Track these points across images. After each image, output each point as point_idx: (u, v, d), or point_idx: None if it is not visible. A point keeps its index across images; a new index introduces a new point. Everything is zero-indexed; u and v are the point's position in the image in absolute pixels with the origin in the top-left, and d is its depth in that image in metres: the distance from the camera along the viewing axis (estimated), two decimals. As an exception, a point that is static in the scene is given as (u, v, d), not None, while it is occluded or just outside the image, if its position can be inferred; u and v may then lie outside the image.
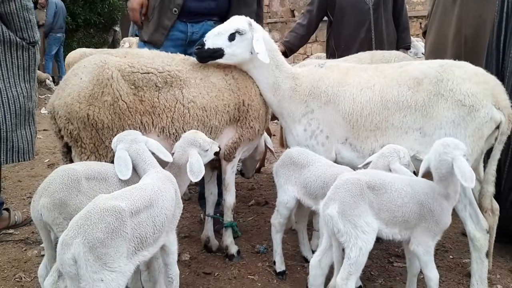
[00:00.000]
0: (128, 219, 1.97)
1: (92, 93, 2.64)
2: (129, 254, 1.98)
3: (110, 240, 1.88)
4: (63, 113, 2.63)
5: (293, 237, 3.59)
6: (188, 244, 3.57)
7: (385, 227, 2.30)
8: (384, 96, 2.82)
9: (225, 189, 3.20)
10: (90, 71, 2.68)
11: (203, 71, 2.98)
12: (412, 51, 6.01)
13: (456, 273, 3.13)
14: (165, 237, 2.25)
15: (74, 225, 1.89)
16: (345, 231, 2.18)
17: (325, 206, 2.26)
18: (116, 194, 2.11)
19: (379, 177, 2.32)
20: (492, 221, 2.84)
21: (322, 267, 2.42)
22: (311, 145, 2.99)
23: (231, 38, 2.80)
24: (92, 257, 1.84)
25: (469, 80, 2.66)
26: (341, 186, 2.26)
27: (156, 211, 2.13)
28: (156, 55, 2.98)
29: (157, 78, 2.78)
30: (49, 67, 12.44)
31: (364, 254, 2.17)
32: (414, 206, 2.31)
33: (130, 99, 2.70)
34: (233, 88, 2.99)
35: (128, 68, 2.74)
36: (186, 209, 4.27)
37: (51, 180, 2.33)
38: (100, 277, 1.85)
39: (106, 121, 2.65)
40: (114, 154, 2.68)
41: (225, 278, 3.06)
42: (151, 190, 2.17)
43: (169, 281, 2.37)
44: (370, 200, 2.24)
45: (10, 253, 3.40)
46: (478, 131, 2.62)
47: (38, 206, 2.30)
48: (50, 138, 6.81)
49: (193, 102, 2.85)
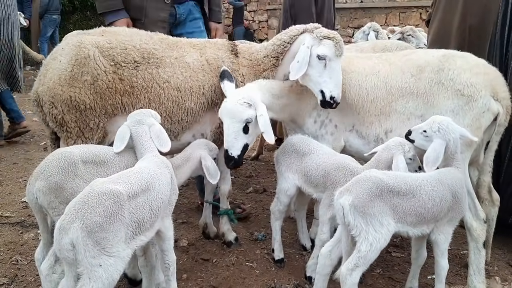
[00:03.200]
0: (126, 203, 1.94)
1: (72, 74, 2.61)
2: (127, 239, 1.96)
3: (108, 225, 1.85)
4: (47, 98, 2.61)
5: (291, 225, 3.58)
6: (186, 230, 3.55)
7: (412, 228, 2.28)
8: (388, 82, 2.86)
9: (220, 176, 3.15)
10: (68, 52, 2.65)
11: (179, 50, 2.92)
12: (414, 41, 5.98)
13: (454, 264, 3.13)
14: (160, 223, 2.23)
15: (71, 209, 1.86)
16: (355, 225, 2.14)
17: (340, 195, 2.22)
18: (113, 177, 2.08)
19: (406, 182, 2.25)
20: (492, 212, 2.87)
21: (331, 258, 2.40)
22: (320, 134, 2.99)
23: (245, 131, 2.64)
24: (91, 241, 1.81)
25: (469, 70, 2.68)
26: (362, 181, 2.21)
27: (153, 195, 2.11)
28: (134, 33, 2.93)
29: (135, 53, 2.75)
30: (45, 49, 12.22)
31: (374, 250, 2.14)
32: (445, 202, 2.29)
33: (110, 78, 2.67)
34: (206, 69, 2.92)
35: (106, 45, 2.71)
36: (184, 195, 4.25)
37: (47, 163, 2.29)
38: (98, 262, 1.83)
39: (88, 102, 2.63)
40: (99, 136, 2.69)
41: (223, 264, 3.05)
42: (148, 173, 2.15)
43: (166, 267, 2.35)
44: (393, 204, 2.19)
45: (6, 235, 3.37)
46: (476, 121, 2.64)
47: (33, 189, 2.26)
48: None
49: (168, 82, 2.81)
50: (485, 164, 2.81)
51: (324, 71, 2.79)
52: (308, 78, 2.85)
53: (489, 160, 2.81)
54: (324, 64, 2.78)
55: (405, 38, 6.02)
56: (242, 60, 3.03)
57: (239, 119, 2.61)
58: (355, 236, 2.16)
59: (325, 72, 2.78)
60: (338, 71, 2.80)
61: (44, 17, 12.29)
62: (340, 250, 2.35)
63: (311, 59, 2.81)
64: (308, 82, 2.87)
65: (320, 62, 2.79)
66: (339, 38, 2.83)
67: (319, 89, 2.80)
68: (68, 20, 14.67)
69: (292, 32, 2.97)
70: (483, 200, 2.81)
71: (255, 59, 3.03)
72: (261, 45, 3.14)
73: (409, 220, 2.24)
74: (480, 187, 2.83)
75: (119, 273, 1.90)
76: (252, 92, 2.71)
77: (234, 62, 3.00)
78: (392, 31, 7.03)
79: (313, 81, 2.83)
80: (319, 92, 2.80)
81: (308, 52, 2.80)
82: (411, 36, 6.03)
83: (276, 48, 2.99)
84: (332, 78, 2.78)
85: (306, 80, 2.87)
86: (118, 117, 2.72)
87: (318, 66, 2.80)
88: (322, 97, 2.79)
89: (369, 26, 6.60)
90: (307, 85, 2.89)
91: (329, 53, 2.77)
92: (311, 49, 2.81)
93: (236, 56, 3.03)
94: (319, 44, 2.81)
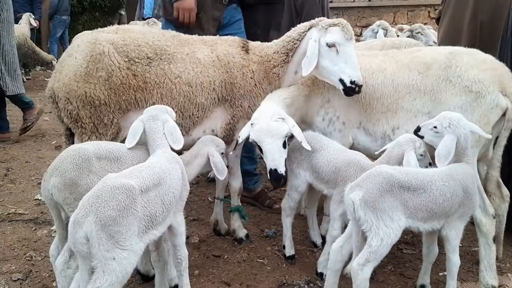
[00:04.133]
0: (139, 197, 1.97)
1: (87, 70, 2.67)
2: (140, 233, 1.98)
3: (121, 218, 1.88)
4: (62, 94, 2.67)
5: (302, 222, 3.59)
6: (197, 227, 3.57)
7: (423, 224, 2.28)
8: (395, 80, 2.86)
9: (230, 173, 3.16)
10: (83, 49, 2.72)
11: (190, 46, 2.96)
12: (423, 39, 5.96)
13: (466, 261, 3.12)
14: (172, 218, 2.25)
15: (85, 203, 1.89)
16: (365, 220, 2.15)
17: (350, 190, 2.23)
18: (125, 172, 2.10)
19: (417, 177, 2.24)
20: (502, 207, 2.87)
21: (343, 254, 2.40)
22: (329, 132, 3.00)
23: (284, 146, 2.61)
24: (105, 235, 1.83)
25: (477, 67, 2.69)
26: (372, 176, 2.21)
27: (164, 189, 2.13)
28: (147, 31, 3.01)
29: (148, 50, 2.80)
30: (55, 50, 12.33)
31: (385, 245, 2.14)
32: (456, 197, 2.29)
33: (124, 74, 2.72)
34: (217, 65, 2.96)
35: (120, 42, 2.77)
36: (194, 193, 4.28)
37: (62, 159, 2.32)
38: (112, 256, 1.85)
39: (103, 97, 2.68)
40: (113, 132, 2.73)
41: (235, 261, 3.06)
42: (159, 168, 2.17)
43: (178, 262, 2.37)
44: (404, 199, 2.19)
45: (20, 232, 3.41)
46: (485, 117, 2.65)
47: (48, 186, 2.29)
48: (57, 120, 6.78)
49: (179, 77, 2.85)
50: (493, 159, 2.81)
51: (337, 58, 2.77)
52: (324, 70, 2.84)
53: (498, 155, 2.81)
54: (336, 51, 2.77)
55: (414, 36, 5.99)
56: (253, 57, 3.05)
57: (280, 136, 2.58)
58: (366, 231, 2.17)
59: (338, 59, 2.77)
60: (352, 54, 2.78)
61: (53, 18, 12.42)
62: (351, 246, 2.35)
63: (322, 50, 2.80)
64: (326, 75, 2.86)
65: (331, 50, 2.78)
66: (344, 22, 2.83)
67: (337, 78, 2.77)
68: (77, 21, 14.78)
69: (300, 29, 2.98)
70: (491, 194, 2.81)
71: (266, 55, 3.05)
72: (272, 42, 3.16)
73: (420, 216, 2.24)
74: (489, 182, 2.83)
75: (133, 267, 1.93)
76: (275, 107, 2.71)
77: (244, 58, 3.03)
78: (401, 29, 7.02)
79: (330, 72, 2.81)
80: (338, 82, 2.77)
81: (316, 45, 2.80)
82: (420, 34, 6.01)
83: (285, 45, 2.99)
84: (347, 62, 2.76)
85: (323, 74, 2.87)
86: (131, 113, 2.77)
87: (330, 55, 2.78)
88: (343, 85, 2.75)
89: (378, 24, 6.60)
90: (326, 80, 2.88)
91: (338, 38, 2.76)
92: (319, 41, 2.81)
93: (246, 52, 3.05)
94: (326, 33, 2.80)
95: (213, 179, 4.48)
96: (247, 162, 3.89)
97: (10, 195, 4.13)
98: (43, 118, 7.12)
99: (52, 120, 6.97)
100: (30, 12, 10.28)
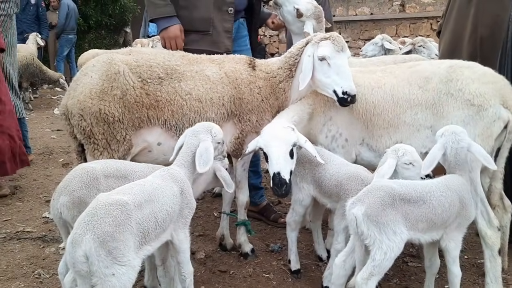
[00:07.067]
0: (133, 212, 2.00)
1: (103, 88, 2.75)
2: (135, 248, 2.00)
3: (118, 234, 1.90)
4: (76, 111, 2.74)
5: (307, 236, 3.61)
6: (203, 242, 3.60)
7: (423, 235, 2.30)
8: (395, 95, 2.90)
9: (237, 186, 3.21)
10: (99, 68, 2.81)
11: (199, 65, 3.06)
12: (425, 52, 6.00)
13: (471, 273, 3.12)
14: (172, 235, 2.27)
15: (81, 223, 1.92)
16: (368, 234, 2.17)
17: (352, 206, 2.25)
18: (116, 190, 2.13)
19: (417, 189, 2.28)
20: (505, 218, 2.87)
21: (346, 268, 2.42)
22: (332, 148, 3.03)
23: (291, 155, 2.59)
24: (104, 252, 1.86)
25: (477, 80, 2.73)
26: (373, 191, 2.24)
27: (157, 206, 2.13)
28: (157, 52, 3.12)
29: (159, 70, 2.91)
30: (61, 68, 12.52)
31: (388, 259, 2.16)
32: (454, 207, 2.32)
33: (137, 93, 2.82)
34: (225, 81, 3.04)
35: (134, 63, 2.88)
36: (200, 208, 4.31)
37: (70, 178, 2.37)
38: (111, 272, 1.87)
39: (117, 114, 2.76)
40: (125, 148, 2.79)
41: (240, 276, 3.08)
42: (150, 185, 2.19)
43: (182, 279, 2.38)
44: (405, 212, 2.22)
45: (28, 250, 3.45)
46: (487, 129, 2.68)
47: (57, 205, 2.34)
48: (64, 138, 6.88)
49: (190, 94, 2.93)
50: (496, 171, 2.80)
51: (329, 70, 2.85)
52: (320, 83, 2.92)
53: (500, 167, 2.81)
54: (327, 64, 2.86)
55: (416, 49, 6.03)
56: (259, 73, 3.14)
57: (287, 142, 2.57)
58: (369, 246, 2.19)
59: (331, 71, 2.85)
60: (343, 66, 2.85)
61: (60, 37, 12.61)
62: (353, 260, 2.37)
63: (316, 64, 2.89)
64: (322, 87, 2.93)
65: (323, 63, 2.87)
66: (335, 35, 2.92)
67: (331, 90, 2.85)
68: (84, 39, 14.98)
69: (299, 45, 3.11)
70: (494, 206, 2.81)
71: (271, 71, 3.15)
72: (276, 58, 3.25)
73: (421, 227, 2.27)
74: (492, 194, 2.83)
75: (132, 282, 1.94)
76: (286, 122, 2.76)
77: (251, 75, 3.12)
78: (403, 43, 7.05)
79: (324, 84, 2.90)
80: (333, 93, 2.85)
81: (310, 60, 2.90)
82: (422, 47, 6.02)
83: (288, 60, 3.11)
84: (339, 74, 2.84)
85: (320, 87, 2.95)
86: (143, 130, 2.86)
87: (323, 68, 2.87)
88: (336, 96, 2.83)
89: (380, 38, 6.64)
90: (324, 92, 2.95)
91: (328, 52, 2.85)
92: (313, 56, 2.90)
93: (253, 69, 3.15)
94: (318, 47, 2.90)
95: (218, 194, 4.51)
96: (252, 176, 3.93)
97: (18, 213, 4.19)
98: (50, 136, 7.23)
99: (60, 138, 7.06)
100: (37, 31, 10.49)
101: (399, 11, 13.02)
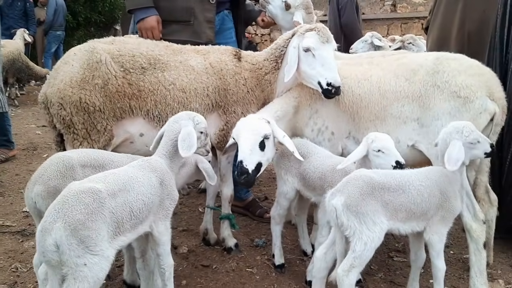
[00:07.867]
0: (106, 200, 1.92)
1: (83, 77, 2.69)
2: (109, 238, 1.92)
3: (90, 222, 1.83)
4: (56, 99, 2.68)
5: (292, 231, 3.56)
6: (186, 237, 3.53)
7: (402, 225, 2.27)
8: (381, 87, 2.86)
9: (222, 180, 3.16)
10: (81, 57, 2.75)
11: (183, 55, 3.00)
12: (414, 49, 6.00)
13: (457, 268, 3.10)
14: (152, 226, 2.19)
15: (51, 211, 1.84)
16: (348, 225, 2.13)
17: (331, 197, 2.21)
18: (90, 178, 2.06)
19: (396, 178, 2.25)
20: (491, 212, 2.85)
21: (327, 260, 2.38)
22: (318, 142, 2.99)
23: (261, 147, 2.51)
24: (75, 240, 1.79)
25: (464, 72, 2.71)
26: (353, 181, 2.20)
27: (132, 196, 2.05)
28: (141, 41, 3.05)
29: (142, 60, 2.84)
30: (49, 65, 12.33)
31: (369, 249, 2.12)
32: (433, 197, 2.28)
33: (119, 82, 2.75)
34: (210, 72, 2.99)
35: (116, 52, 2.82)
36: (185, 204, 4.25)
37: (45, 167, 2.30)
38: (83, 262, 1.80)
39: (98, 104, 2.70)
40: (106, 139, 2.74)
41: (223, 270, 3.02)
42: (125, 175, 2.11)
43: (162, 272, 2.30)
44: (384, 201, 2.19)
45: (6, 244, 3.37)
46: (473, 121, 2.63)
47: (32, 194, 2.27)
48: (48, 134, 6.74)
49: (173, 84, 2.88)
50: (482, 164, 2.80)
51: (314, 62, 2.83)
52: (305, 75, 2.89)
53: (486, 160, 2.79)
54: (312, 55, 2.83)
55: (405, 47, 6.03)
56: (245, 64, 3.09)
57: (257, 133, 2.51)
58: (349, 237, 2.15)
59: (315, 62, 2.83)
60: (328, 57, 2.83)
61: (48, 33, 12.46)
62: (335, 252, 2.33)
63: (301, 55, 2.87)
64: (307, 79, 2.90)
65: (308, 54, 2.85)
66: (321, 26, 2.89)
67: (316, 81, 2.83)
68: (72, 36, 14.81)
69: (285, 36, 3.08)
70: (480, 200, 2.79)
71: (257, 62, 3.11)
72: (262, 50, 3.20)
73: (400, 216, 2.23)
74: (478, 187, 2.81)
75: (105, 273, 1.87)
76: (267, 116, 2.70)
77: (237, 66, 3.07)
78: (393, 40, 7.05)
79: (309, 75, 2.87)
80: (317, 85, 2.82)
81: (295, 52, 2.88)
82: (412, 44, 6.04)
83: (274, 52, 3.07)
84: (324, 65, 2.81)
85: (305, 79, 2.91)
86: (125, 120, 2.81)
87: (308, 59, 2.85)
88: (321, 88, 2.80)
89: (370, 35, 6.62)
90: (309, 84, 2.92)
91: (313, 43, 2.83)
92: (298, 47, 2.87)
93: (239, 60, 3.10)
94: (303, 38, 2.87)
95: (204, 190, 4.45)
96: None
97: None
98: (35, 131, 7.12)
99: (44, 133, 6.95)
100: (24, 27, 10.34)
101: (390, 11, 13.05)
